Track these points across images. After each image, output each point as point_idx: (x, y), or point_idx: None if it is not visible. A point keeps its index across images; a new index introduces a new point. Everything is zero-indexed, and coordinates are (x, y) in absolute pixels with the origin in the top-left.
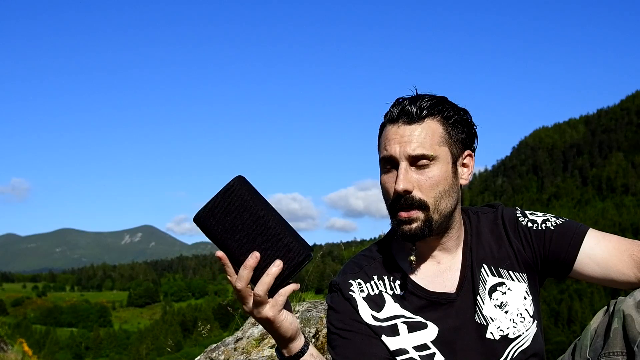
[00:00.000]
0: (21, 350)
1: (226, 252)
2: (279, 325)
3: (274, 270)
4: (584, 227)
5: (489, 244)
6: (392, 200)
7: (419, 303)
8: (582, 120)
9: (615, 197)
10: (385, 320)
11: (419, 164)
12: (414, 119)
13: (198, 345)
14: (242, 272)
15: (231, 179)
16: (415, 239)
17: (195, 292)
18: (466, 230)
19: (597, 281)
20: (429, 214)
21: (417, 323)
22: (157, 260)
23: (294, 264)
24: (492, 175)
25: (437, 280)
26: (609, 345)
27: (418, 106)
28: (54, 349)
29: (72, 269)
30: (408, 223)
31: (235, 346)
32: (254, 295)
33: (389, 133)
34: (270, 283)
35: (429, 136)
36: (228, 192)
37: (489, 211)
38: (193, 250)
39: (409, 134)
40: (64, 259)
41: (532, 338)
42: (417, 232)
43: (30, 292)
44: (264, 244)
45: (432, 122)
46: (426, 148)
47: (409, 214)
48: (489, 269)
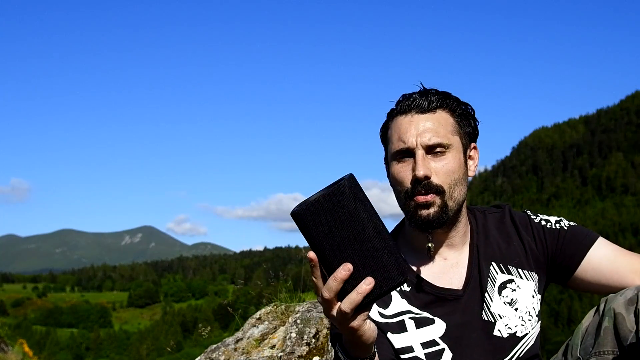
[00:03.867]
0: (21, 350)
1: (318, 255)
2: (361, 333)
3: (364, 289)
4: (594, 234)
5: (497, 242)
6: (408, 188)
7: (426, 299)
8: (581, 120)
9: (615, 197)
10: (393, 317)
11: (434, 152)
12: (427, 109)
13: (198, 346)
14: (332, 283)
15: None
16: (432, 226)
17: (195, 292)
18: (472, 227)
19: (597, 290)
20: (445, 200)
21: (424, 319)
22: (157, 261)
23: (386, 287)
24: (492, 176)
25: (444, 277)
26: (599, 344)
27: (429, 98)
28: (54, 350)
29: (73, 270)
30: (426, 207)
31: (235, 347)
32: (340, 310)
33: (402, 124)
34: (358, 302)
35: (442, 126)
36: (336, 194)
37: (495, 211)
38: (193, 251)
39: (424, 124)
40: (64, 260)
41: (535, 338)
42: (435, 217)
43: (30, 292)
44: (360, 256)
45: (443, 113)
46: (441, 137)
47: (426, 198)
48: (498, 267)
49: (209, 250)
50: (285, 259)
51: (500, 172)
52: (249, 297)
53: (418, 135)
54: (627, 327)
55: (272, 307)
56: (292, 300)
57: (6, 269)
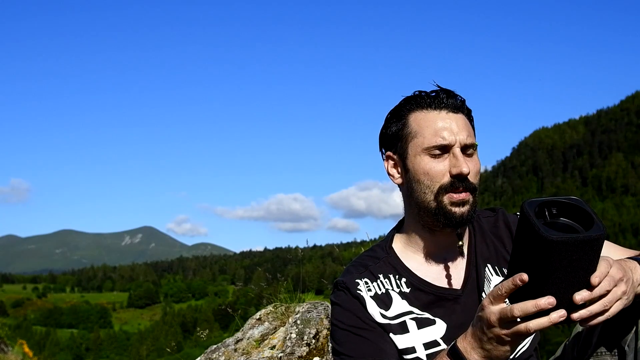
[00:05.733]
0: (21, 351)
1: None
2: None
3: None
4: None
5: (493, 245)
6: (444, 183)
7: (427, 299)
8: (581, 120)
9: (615, 197)
10: (394, 318)
11: (468, 152)
12: (458, 109)
13: (198, 347)
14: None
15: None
16: (464, 223)
17: (195, 293)
18: (469, 229)
19: None
20: (475, 199)
21: (425, 319)
22: (157, 262)
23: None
24: (492, 176)
25: (442, 277)
26: (598, 344)
27: (458, 99)
28: (54, 350)
29: (73, 270)
30: (461, 205)
31: (235, 347)
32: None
33: (436, 119)
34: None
35: (469, 127)
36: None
37: (489, 214)
38: (193, 251)
39: (458, 122)
40: (64, 260)
41: (531, 339)
42: (468, 216)
43: (30, 293)
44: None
45: (464, 116)
46: (472, 137)
47: (462, 196)
48: (492, 269)
49: (209, 251)
50: (286, 260)
51: (500, 173)
52: (249, 298)
53: (457, 133)
54: None
55: (272, 308)
56: (292, 300)
57: (6, 269)
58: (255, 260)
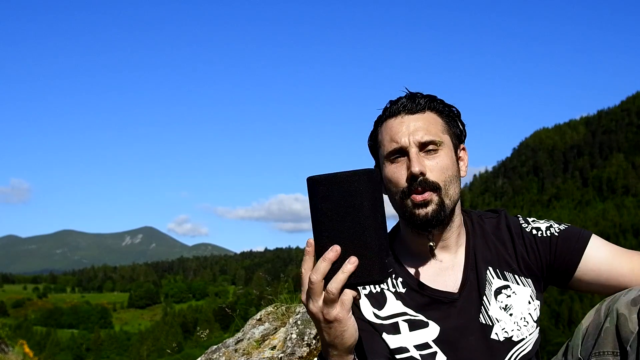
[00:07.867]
0: (22, 351)
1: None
2: (345, 328)
3: (349, 268)
4: (587, 233)
5: (494, 247)
6: (404, 187)
7: (422, 300)
8: (582, 121)
9: (616, 198)
10: (387, 319)
11: (427, 149)
12: (416, 110)
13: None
14: (320, 264)
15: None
16: (431, 225)
17: (195, 293)
18: (468, 230)
19: (597, 290)
20: (442, 197)
21: (418, 321)
22: (158, 262)
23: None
24: (493, 177)
25: (439, 279)
26: (600, 345)
27: (417, 100)
28: (54, 350)
29: (73, 271)
30: (424, 206)
31: (235, 347)
32: (326, 292)
33: (392, 125)
34: (344, 281)
35: (433, 124)
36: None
37: (492, 216)
38: (193, 252)
39: (415, 123)
40: (65, 261)
41: (533, 343)
42: (433, 216)
43: (31, 293)
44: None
45: (431, 114)
46: (432, 134)
47: (423, 196)
48: (494, 272)
49: (210, 251)
50: (286, 260)
51: (501, 173)
52: (250, 298)
53: (410, 134)
54: (629, 328)
55: (272, 308)
56: (292, 301)
57: (7, 269)
58: (256, 260)
